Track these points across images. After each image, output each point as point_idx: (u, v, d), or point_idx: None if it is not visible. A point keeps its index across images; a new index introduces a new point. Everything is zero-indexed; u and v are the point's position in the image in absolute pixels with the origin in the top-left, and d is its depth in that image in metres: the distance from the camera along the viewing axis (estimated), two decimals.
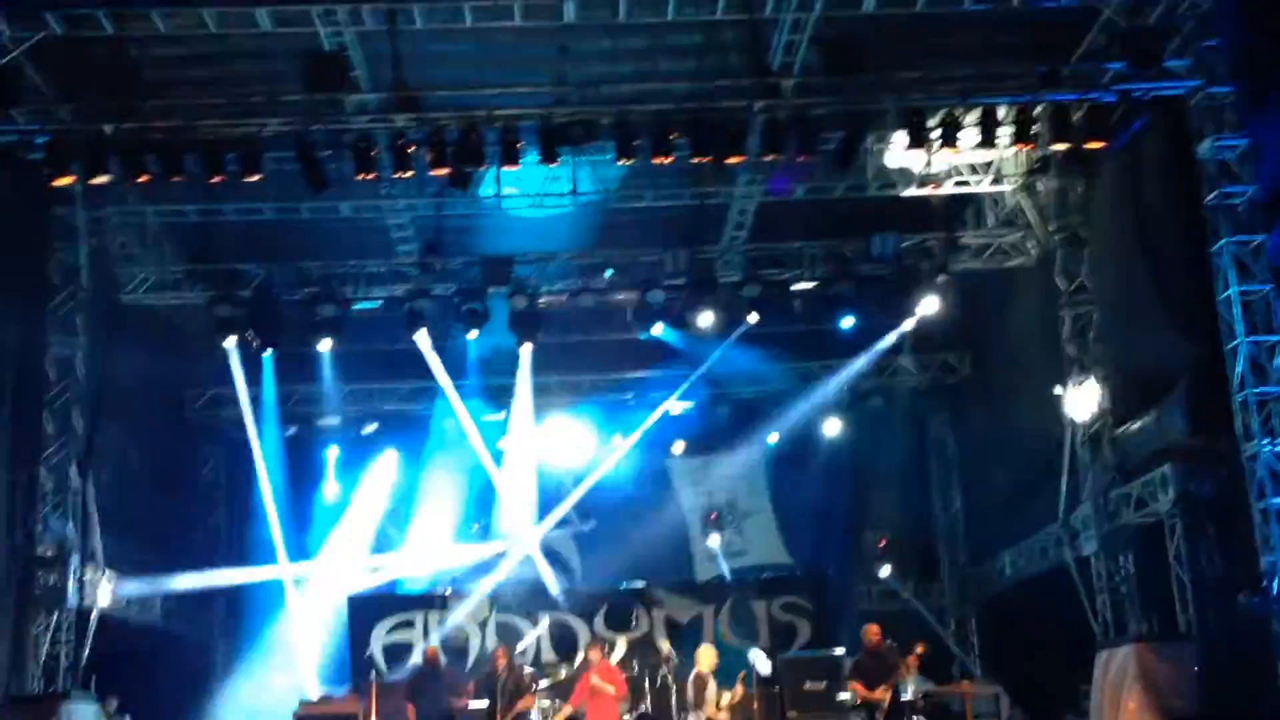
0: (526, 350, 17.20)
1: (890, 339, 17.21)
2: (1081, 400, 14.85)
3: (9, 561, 12.77)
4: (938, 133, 12.69)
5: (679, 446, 18.99)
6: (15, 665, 12.82)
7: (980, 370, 17.26)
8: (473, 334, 16.53)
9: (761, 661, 14.45)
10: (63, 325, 14.31)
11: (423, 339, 16.53)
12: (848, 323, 16.38)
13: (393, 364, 17.68)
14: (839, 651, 14.67)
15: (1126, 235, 13.37)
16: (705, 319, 16.23)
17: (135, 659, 15.37)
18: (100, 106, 12.34)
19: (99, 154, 12.29)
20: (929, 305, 16.21)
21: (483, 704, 13.73)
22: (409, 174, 12.98)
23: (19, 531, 13.01)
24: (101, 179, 12.49)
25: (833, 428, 18.75)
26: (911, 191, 15.07)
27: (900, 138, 12.98)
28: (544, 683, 14.75)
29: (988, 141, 12.88)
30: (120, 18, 11.87)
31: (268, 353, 16.56)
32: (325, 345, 16.32)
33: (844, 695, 13.47)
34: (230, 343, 16.04)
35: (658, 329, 16.58)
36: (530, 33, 12.70)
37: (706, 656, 14.00)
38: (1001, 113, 12.68)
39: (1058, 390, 14.94)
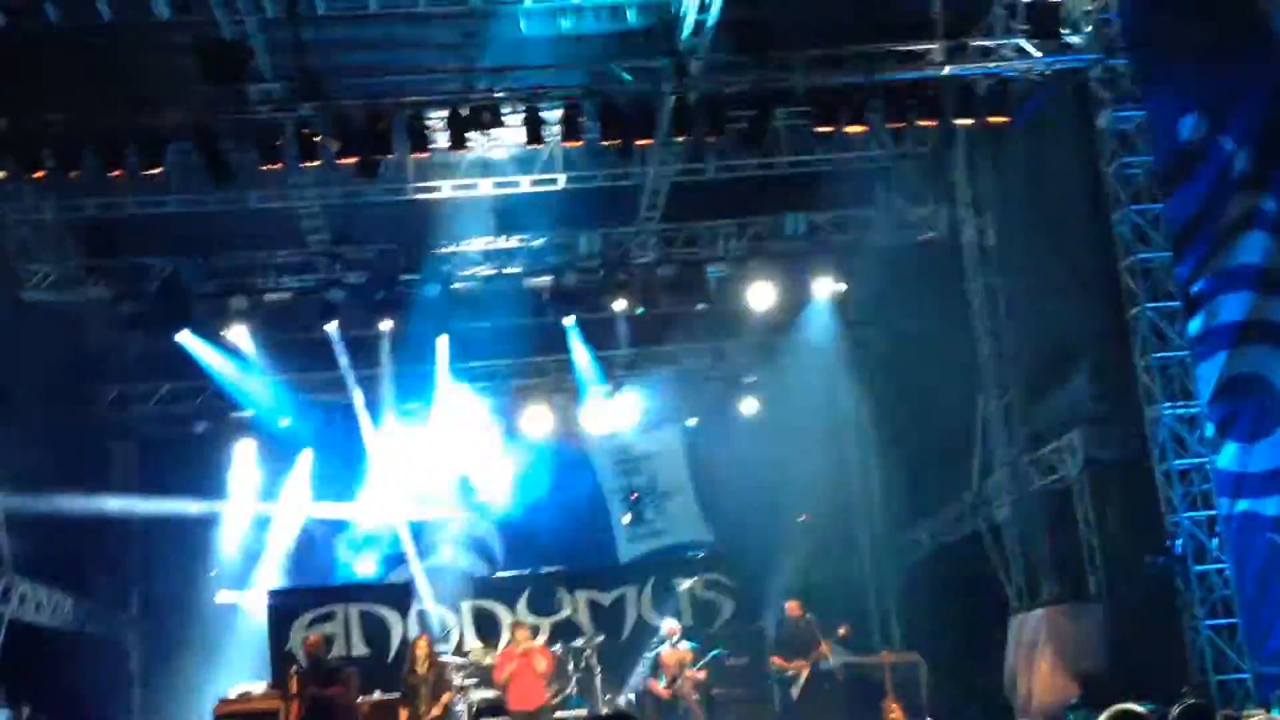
0: (443, 342, 17.13)
1: (805, 315, 17.34)
2: (990, 371, 15.14)
3: None
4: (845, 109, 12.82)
5: (599, 428, 18.91)
6: None
7: (895, 344, 17.46)
8: (386, 323, 16.43)
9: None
10: None
11: (333, 329, 16.40)
12: (761, 300, 16.47)
13: (310, 354, 17.44)
14: (760, 626, 14.86)
15: (1033, 207, 13.63)
16: (619, 303, 16.31)
17: (47, 664, 15.06)
18: None
19: None
20: (843, 280, 16.39)
21: (392, 696, 13.73)
22: (316, 163, 12.82)
23: None
24: None
25: (750, 406, 18.88)
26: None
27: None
28: (464, 670, 14.76)
29: (894, 117, 13.03)
30: (10, 11, 11.56)
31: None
32: (238, 334, 16.15)
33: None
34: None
35: (568, 321, 16.69)
36: (436, 18, 12.59)
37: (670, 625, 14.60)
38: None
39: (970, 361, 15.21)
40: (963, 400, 15.47)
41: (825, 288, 16.84)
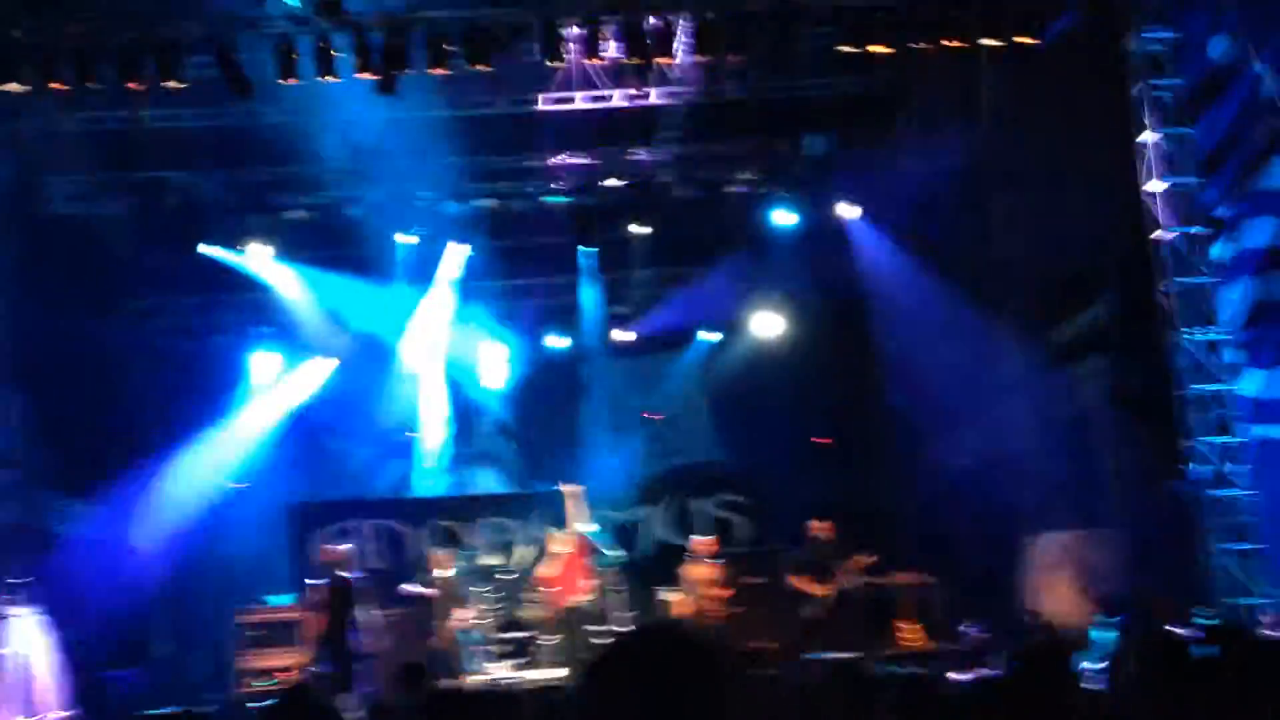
0: (455, 248, 17.10)
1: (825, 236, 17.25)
2: (1010, 295, 15.06)
3: None
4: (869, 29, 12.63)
5: (618, 341, 18.92)
6: None
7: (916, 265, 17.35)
8: (404, 238, 16.42)
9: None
10: None
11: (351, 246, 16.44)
12: (781, 221, 16.39)
13: (330, 269, 17.46)
14: (777, 547, 14.95)
15: (1057, 130, 13.46)
16: (637, 225, 16.28)
17: (72, 573, 15.26)
18: (9, 11, 11.92)
19: (9, 61, 11.91)
20: (863, 202, 16.27)
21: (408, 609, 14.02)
22: (333, 78, 12.71)
23: None
24: (12, 86, 12.10)
25: (770, 324, 18.80)
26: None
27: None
28: (482, 583, 14.98)
29: (920, 37, 12.83)
30: None
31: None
32: (256, 250, 16.17)
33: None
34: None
35: (586, 242, 16.64)
36: None
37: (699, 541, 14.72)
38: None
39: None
40: (984, 322, 15.40)
41: (845, 209, 16.73)
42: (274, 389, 18.05)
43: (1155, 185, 12.16)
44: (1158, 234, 12.15)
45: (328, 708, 4.80)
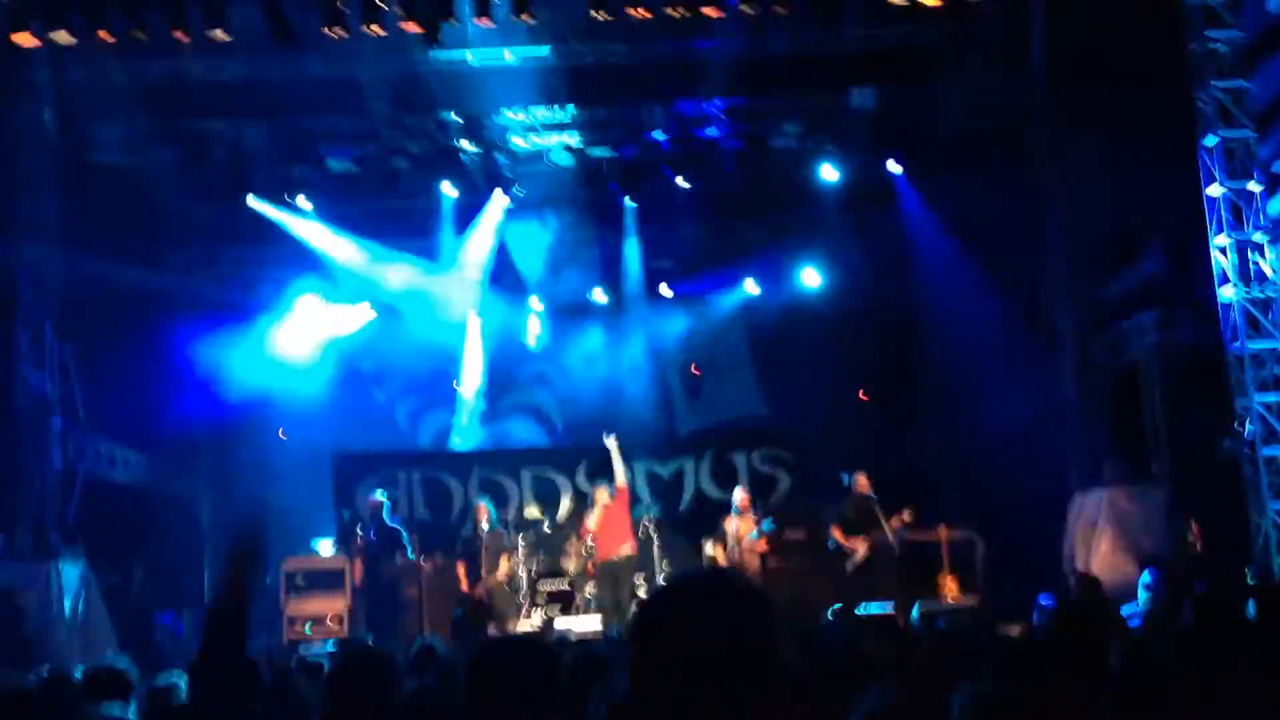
0: (498, 198, 17.11)
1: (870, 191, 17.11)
2: (1059, 249, 14.89)
3: None
4: None
5: (661, 294, 18.89)
6: (2, 526, 12.92)
7: (962, 220, 17.18)
8: (448, 189, 16.43)
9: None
10: (32, 181, 14.08)
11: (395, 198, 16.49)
12: (827, 176, 16.27)
13: (374, 222, 17.50)
14: (817, 502, 14.96)
15: (1110, 82, 13.24)
16: (681, 178, 16.22)
17: (121, 521, 15.49)
18: None
19: (57, 11, 11.96)
20: (910, 155, 16.12)
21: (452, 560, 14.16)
22: (378, 28, 12.68)
23: None
24: (62, 34, 12.16)
25: (813, 279, 18.69)
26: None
27: None
28: (525, 535, 15.10)
29: None
30: None
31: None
32: (303, 203, 16.24)
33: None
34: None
35: (629, 195, 16.58)
36: None
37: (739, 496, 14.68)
38: None
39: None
40: (1029, 279, 15.26)
41: (891, 164, 16.59)
42: (317, 334, 18.10)
43: (1210, 139, 11.96)
44: (1212, 188, 11.96)
45: (385, 660, 4.86)
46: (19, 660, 10.99)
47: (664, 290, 18.76)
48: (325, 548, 15.43)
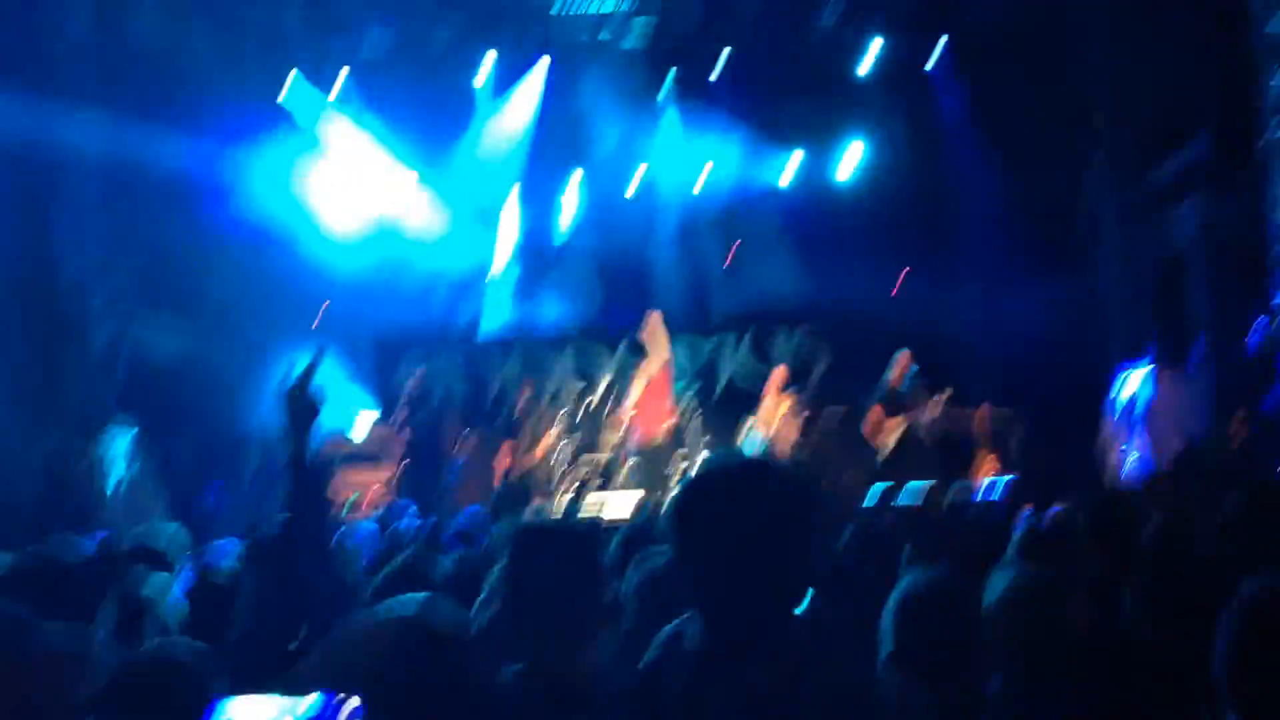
0: (541, 66, 16.94)
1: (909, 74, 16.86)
2: (1102, 134, 14.66)
3: (24, 291, 12.82)
4: None
5: (697, 184, 18.77)
6: (48, 395, 13.09)
7: (1002, 105, 16.92)
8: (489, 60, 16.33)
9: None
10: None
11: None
12: (867, 58, 16.01)
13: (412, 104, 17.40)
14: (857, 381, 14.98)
15: None
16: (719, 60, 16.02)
17: (168, 391, 15.65)
18: None
19: None
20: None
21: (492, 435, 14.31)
22: None
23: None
24: None
25: (854, 161, 18.44)
26: None
27: None
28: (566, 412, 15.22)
29: None
30: None
31: None
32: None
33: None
34: None
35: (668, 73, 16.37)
36: None
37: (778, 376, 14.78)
38: None
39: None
40: (1072, 164, 15.05)
41: (938, 45, 16.30)
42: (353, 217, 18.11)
43: (1264, 27, 11.65)
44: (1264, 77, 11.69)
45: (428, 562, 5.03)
46: (73, 525, 11.24)
47: (704, 167, 18.61)
48: (365, 420, 15.59)
